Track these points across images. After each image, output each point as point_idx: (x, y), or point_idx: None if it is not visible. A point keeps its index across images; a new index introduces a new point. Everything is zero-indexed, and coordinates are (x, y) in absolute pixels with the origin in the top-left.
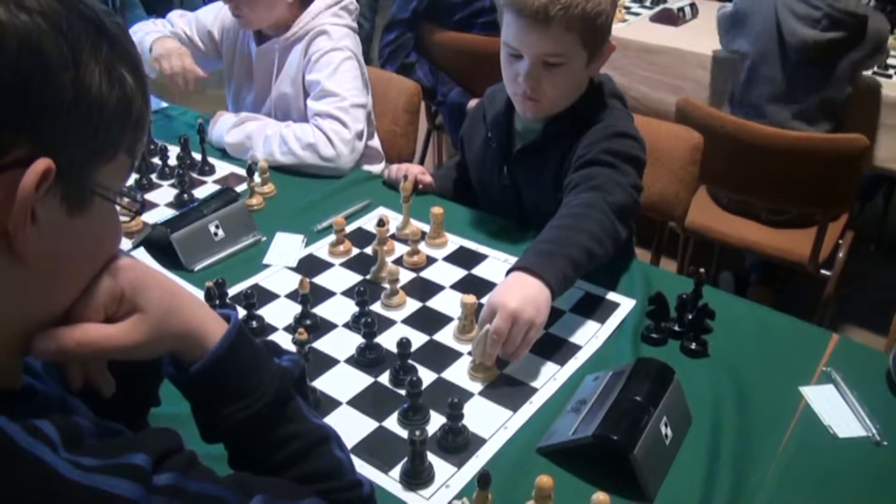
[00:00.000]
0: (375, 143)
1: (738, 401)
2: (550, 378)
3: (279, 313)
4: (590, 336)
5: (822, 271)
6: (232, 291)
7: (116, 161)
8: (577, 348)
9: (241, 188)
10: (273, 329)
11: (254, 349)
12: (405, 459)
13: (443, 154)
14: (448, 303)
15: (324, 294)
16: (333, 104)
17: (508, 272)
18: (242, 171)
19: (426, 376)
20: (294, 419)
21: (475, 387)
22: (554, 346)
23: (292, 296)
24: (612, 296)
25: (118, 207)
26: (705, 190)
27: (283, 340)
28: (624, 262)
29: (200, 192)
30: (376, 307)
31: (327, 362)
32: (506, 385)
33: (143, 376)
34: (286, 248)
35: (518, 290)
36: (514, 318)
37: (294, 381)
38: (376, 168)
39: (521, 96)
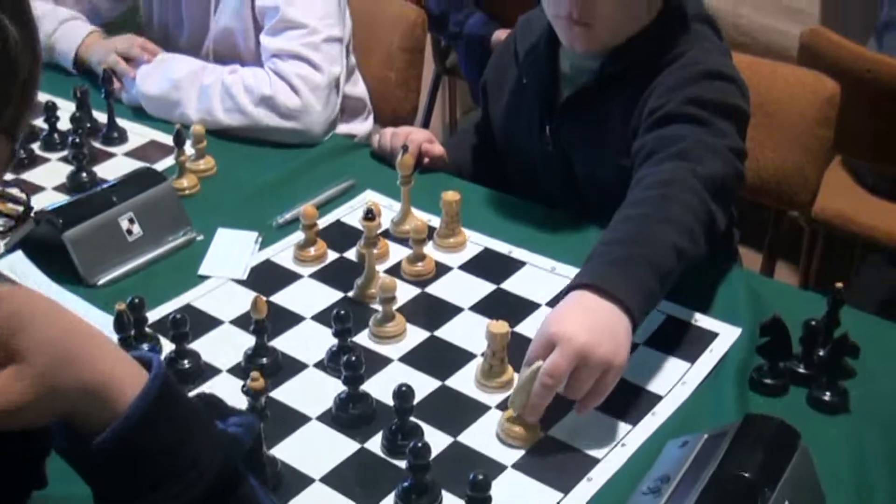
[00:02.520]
0: (359, 90)
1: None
2: (617, 443)
3: (222, 348)
4: (674, 381)
5: None
6: (153, 316)
7: None
8: (655, 399)
9: (165, 164)
10: (214, 371)
11: (186, 409)
12: None
13: (457, 112)
14: (467, 332)
15: (288, 320)
16: (299, 39)
17: (567, 290)
18: (168, 139)
19: (436, 441)
20: None
21: (508, 455)
22: (622, 397)
23: (241, 322)
24: (705, 321)
25: None
26: (842, 164)
27: (229, 388)
28: (722, 270)
29: (106, 171)
30: (363, 339)
31: (293, 421)
32: (552, 453)
33: (20, 450)
34: (232, 253)
35: (585, 316)
36: (582, 357)
37: (245, 454)
38: (361, 129)
39: (567, 20)
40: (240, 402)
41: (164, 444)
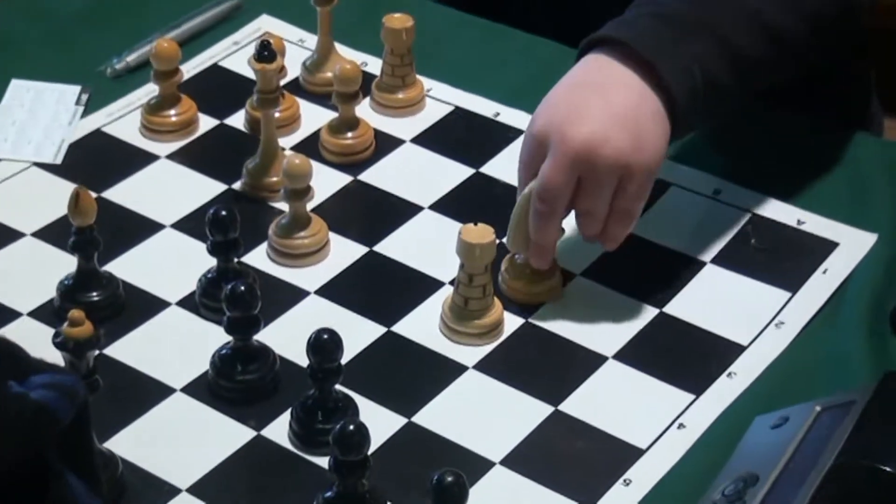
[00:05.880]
0: None
1: None
2: (672, 424)
3: (23, 277)
4: (763, 323)
5: None
6: None
7: None
8: (732, 352)
9: None
10: (9, 315)
11: None
12: None
13: None
14: (428, 246)
15: (133, 228)
16: None
17: (581, 51)
18: None
19: (379, 423)
20: None
21: (496, 446)
22: (677, 347)
23: (53, 234)
24: (815, 223)
25: None
26: None
27: (34, 342)
28: (844, 139)
29: None
30: (259, 258)
31: (144, 393)
32: (566, 441)
33: None
34: (37, 120)
35: (587, 95)
36: (583, 160)
37: (61, 436)
38: None
39: None
40: (51, 361)
41: None
